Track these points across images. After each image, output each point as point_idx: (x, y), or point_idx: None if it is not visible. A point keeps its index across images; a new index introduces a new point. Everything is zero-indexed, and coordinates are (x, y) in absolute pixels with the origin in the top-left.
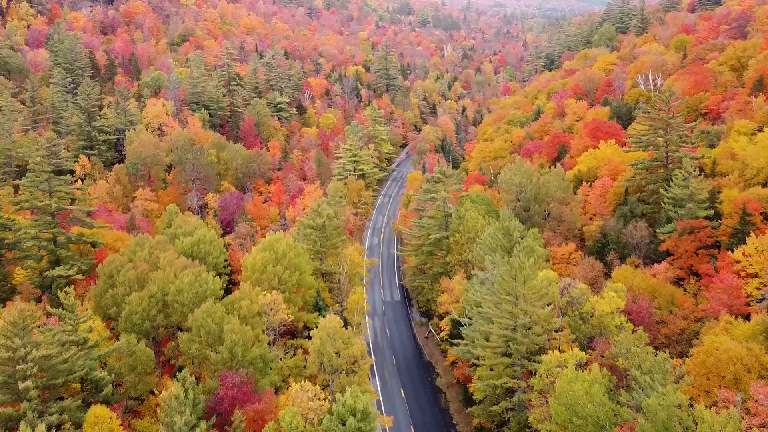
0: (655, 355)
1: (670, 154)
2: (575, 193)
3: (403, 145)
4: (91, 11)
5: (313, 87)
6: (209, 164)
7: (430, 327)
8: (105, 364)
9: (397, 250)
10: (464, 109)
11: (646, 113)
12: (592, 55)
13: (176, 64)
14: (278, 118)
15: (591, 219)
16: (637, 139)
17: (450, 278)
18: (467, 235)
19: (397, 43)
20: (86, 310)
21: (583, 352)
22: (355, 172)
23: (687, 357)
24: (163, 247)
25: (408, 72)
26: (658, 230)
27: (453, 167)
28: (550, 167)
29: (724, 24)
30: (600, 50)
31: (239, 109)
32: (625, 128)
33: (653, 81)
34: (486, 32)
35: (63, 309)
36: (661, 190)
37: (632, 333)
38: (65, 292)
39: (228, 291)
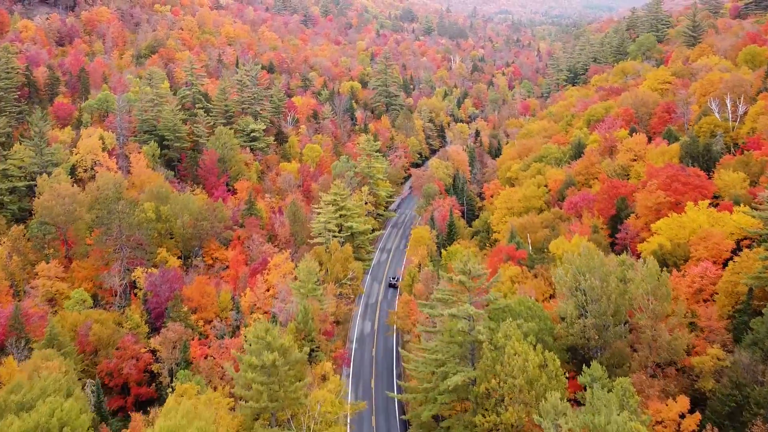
0: None
1: None
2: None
3: (406, 178)
4: (47, 19)
5: (298, 108)
6: (143, 223)
7: None
8: None
9: (397, 391)
10: (478, 133)
11: None
12: (632, 69)
13: (138, 81)
14: (251, 150)
15: (697, 337)
16: None
17: None
18: (510, 381)
19: (399, 54)
20: None
21: None
22: (341, 232)
23: None
24: None
25: (411, 87)
26: None
27: (469, 214)
28: (605, 229)
29: None
30: (640, 64)
31: (202, 140)
32: (708, 174)
33: (732, 107)
34: (495, 40)
35: None
36: None
37: None
38: None
39: None
